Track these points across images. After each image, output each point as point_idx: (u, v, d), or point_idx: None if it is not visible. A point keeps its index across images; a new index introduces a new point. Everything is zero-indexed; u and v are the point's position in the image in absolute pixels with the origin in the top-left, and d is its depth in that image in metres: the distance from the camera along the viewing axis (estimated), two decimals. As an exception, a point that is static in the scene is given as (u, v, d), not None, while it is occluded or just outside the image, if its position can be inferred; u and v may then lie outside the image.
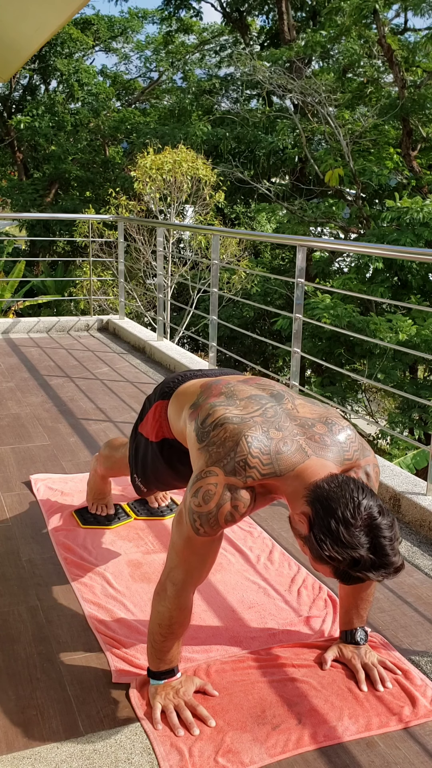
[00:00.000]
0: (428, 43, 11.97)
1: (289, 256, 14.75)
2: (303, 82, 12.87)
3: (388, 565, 1.35)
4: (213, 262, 4.53)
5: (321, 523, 1.36)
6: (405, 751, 1.59)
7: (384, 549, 1.35)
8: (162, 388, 2.01)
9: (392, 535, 1.36)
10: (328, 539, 1.35)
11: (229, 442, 1.52)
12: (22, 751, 1.56)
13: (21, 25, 3.01)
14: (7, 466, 3.18)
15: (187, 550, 1.58)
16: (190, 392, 1.84)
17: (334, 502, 1.37)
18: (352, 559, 1.34)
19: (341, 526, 1.34)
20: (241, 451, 1.50)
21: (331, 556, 1.35)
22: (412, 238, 9.93)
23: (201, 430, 1.61)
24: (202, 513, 1.51)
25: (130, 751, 1.57)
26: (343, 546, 1.33)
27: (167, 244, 9.87)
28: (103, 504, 2.66)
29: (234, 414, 1.58)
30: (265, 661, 1.86)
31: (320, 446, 1.55)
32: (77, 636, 1.97)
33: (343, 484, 1.40)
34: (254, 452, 1.49)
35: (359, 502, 1.36)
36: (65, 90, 19.23)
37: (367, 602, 1.85)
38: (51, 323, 6.32)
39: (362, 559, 1.34)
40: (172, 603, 1.63)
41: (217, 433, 1.55)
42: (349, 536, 1.33)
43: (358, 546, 1.33)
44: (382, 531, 1.35)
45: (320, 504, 1.38)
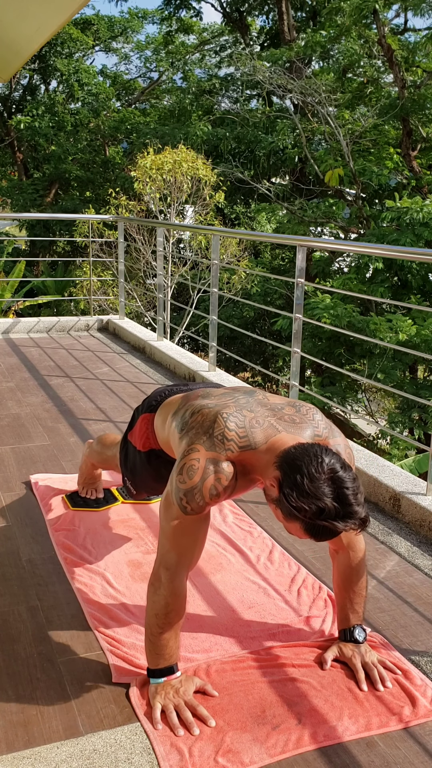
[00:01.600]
0: (428, 43, 11.97)
1: (289, 256, 14.75)
2: (303, 82, 12.87)
3: (353, 513, 1.44)
4: (213, 262, 4.53)
5: (288, 480, 1.47)
6: (405, 751, 1.59)
7: (347, 498, 1.44)
8: (149, 401, 2.13)
9: (355, 486, 1.46)
10: (295, 492, 1.45)
11: (206, 421, 1.65)
12: (22, 751, 1.56)
13: (21, 25, 3.01)
14: (7, 466, 3.18)
15: (178, 531, 1.64)
16: (173, 403, 1.98)
17: (299, 460, 1.48)
18: (318, 509, 1.43)
19: (306, 479, 1.44)
20: (219, 426, 1.62)
21: (297, 506, 1.44)
22: (412, 238, 9.93)
23: (181, 421, 1.75)
24: (188, 489, 1.59)
25: (130, 751, 1.57)
26: (308, 496, 1.43)
27: (167, 244, 9.87)
28: (93, 488, 2.79)
29: (208, 401, 1.75)
30: (265, 661, 1.87)
31: (290, 424, 1.67)
32: (77, 636, 1.97)
33: (308, 446, 1.51)
34: (231, 426, 1.62)
35: (322, 458, 1.47)
36: (65, 90, 19.23)
37: (360, 596, 1.87)
38: (51, 323, 6.32)
39: (327, 508, 1.43)
40: (167, 589, 1.66)
41: (195, 419, 1.69)
42: (313, 487, 1.43)
43: (323, 495, 1.43)
44: (344, 482, 1.45)
45: (287, 464, 1.50)
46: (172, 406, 1.95)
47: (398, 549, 2.52)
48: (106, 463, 2.53)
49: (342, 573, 1.87)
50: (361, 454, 3.15)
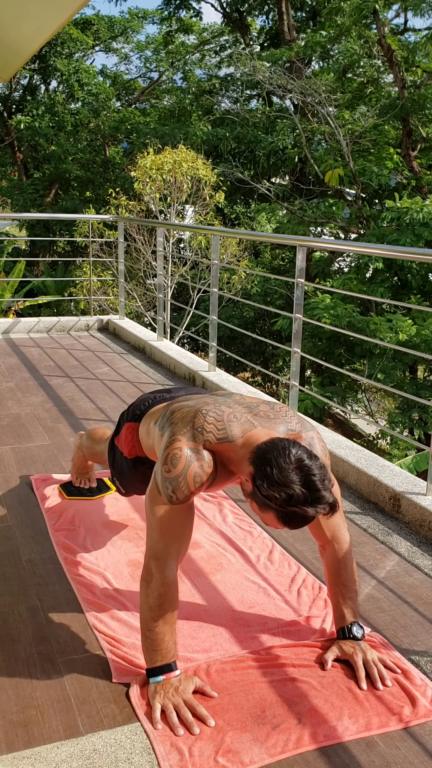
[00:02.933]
0: (428, 43, 11.97)
1: (289, 256, 14.75)
2: (303, 82, 12.87)
3: (320, 498, 1.53)
4: (213, 262, 4.53)
5: (259, 472, 1.56)
6: (405, 750, 1.59)
7: (314, 484, 1.53)
8: (134, 410, 2.21)
9: (321, 473, 1.55)
10: (265, 482, 1.54)
11: (187, 417, 1.76)
12: (22, 751, 1.56)
13: (21, 25, 3.01)
14: (7, 466, 3.18)
15: (165, 521, 1.69)
16: (155, 413, 2.07)
17: (268, 453, 1.57)
18: (287, 496, 1.51)
19: (275, 469, 1.54)
20: (198, 420, 1.73)
21: (268, 495, 1.53)
22: (412, 238, 9.93)
23: (162, 420, 1.85)
24: (173, 477, 1.67)
25: (130, 750, 1.57)
26: (277, 485, 1.52)
27: (167, 244, 9.87)
28: (86, 478, 2.87)
29: (189, 402, 1.84)
30: (265, 660, 1.87)
31: (265, 419, 1.77)
32: (77, 636, 1.97)
33: (277, 441, 1.60)
34: (209, 419, 1.73)
35: (290, 450, 1.56)
36: (65, 90, 19.23)
37: (351, 590, 1.89)
38: (51, 323, 6.32)
39: (295, 495, 1.51)
40: (158, 579, 1.69)
41: (176, 415, 1.78)
42: (282, 476, 1.53)
43: (291, 483, 1.52)
44: (311, 470, 1.54)
45: (258, 458, 1.59)
46: (154, 416, 2.05)
47: (398, 549, 2.52)
48: (96, 457, 2.61)
49: (331, 567, 1.92)
50: (361, 454, 3.15)
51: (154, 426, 1.95)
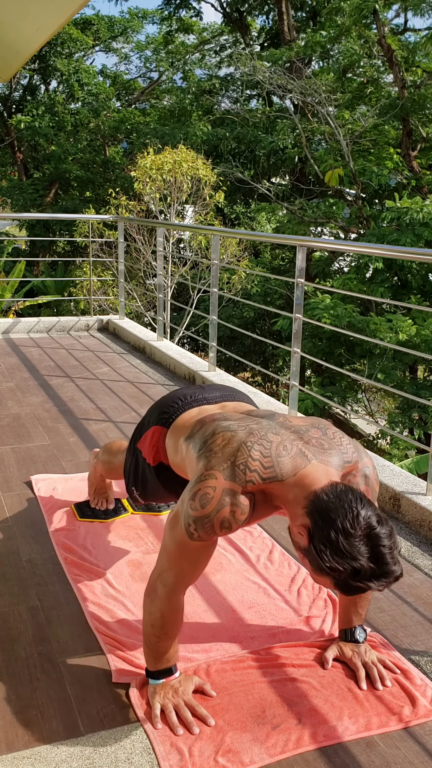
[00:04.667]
0: (428, 43, 11.97)
1: (289, 256, 14.75)
2: (303, 82, 12.87)
3: (389, 573, 1.36)
4: (213, 262, 4.53)
5: (321, 534, 1.36)
6: (405, 750, 1.59)
7: (384, 558, 1.35)
8: (160, 411, 1.99)
9: (391, 543, 1.36)
10: (328, 549, 1.34)
11: (228, 447, 1.52)
12: (22, 751, 1.57)
13: (21, 25, 3.01)
14: (7, 466, 3.18)
15: (179, 554, 1.57)
16: (186, 425, 1.85)
17: (333, 512, 1.37)
18: (353, 570, 1.34)
19: (341, 536, 1.34)
20: (242, 455, 1.48)
21: (331, 566, 1.34)
22: (412, 238, 9.93)
23: (200, 441, 1.62)
24: (198, 517, 1.49)
25: (130, 750, 1.57)
26: (343, 556, 1.33)
27: (167, 244, 9.87)
28: (103, 498, 2.70)
29: (230, 423, 1.61)
30: (265, 660, 1.87)
31: (319, 450, 1.55)
32: (77, 636, 1.97)
33: (341, 494, 1.40)
34: (255, 455, 1.48)
35: (358, 512, 1.36)
36: (65, 90, 19.22)
37: (365, 601, 1.86)
38: (51, 323, 6.32)
39: (362, 569, 1.34)
40: (163, 604, 1.62)
41: (215, 440, 1.56)
42: (349, 546, 1.33)
43: (359, 556, 1.33)
44: (381, 540, 1.35)
45: (319, 515, 1.38)
46: (184, 430, 1.83)
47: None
48: (115, 472, 2.43)
49: None
50: (361, 454, 3.15)
51: (186, 443, 1.74)
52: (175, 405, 1.95)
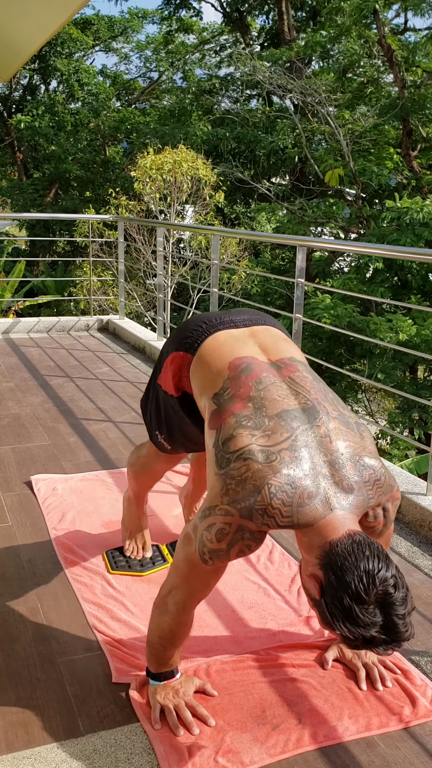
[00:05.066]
0: (428, 43, 11.97)
1: (289, 256, 14.75)
2: (303, 82, 12.87)
3: (398, 640, 1.32)
4: (213, 262, 4.53)
5: (333, 595, 1.31)
6: (405, 751, 1.59)
7: (397, 627, 1.30)
8: (182, 336, 1.80)
9: (406, 611, 1.31)
10: (341, 615, 1.30)
11: (249, 484, 1.42)
12: (22, 751, 1.56)
13: (21, 25, 3.01)
14: (7, 466, 3.18)
15: (191, 575, 1.55)
16: (215, 367, 1.66)
17: (348, 573, 1.31)
18: (363, 638, 1.30)
19: (354, 604, 1.29)
20: (262, 501, 1.40)
21: (343, 634, 1.31)
22: (412, 238, 9.93)
23: (222, 452, 1.49)
24: (214, 550, 1.47)
25: (130, 751, 1.57)
26: (356, 625, 1.29)
27: (167, 244, 9.87)
28: (140, 540, 2.39)
29: (259, 448, 1.45)
30: (265, 661, 1.87)
31: (346, 494, 1.44)
32: (77, 636, 1.97)
33: (357, 551, 1.33)
34: (275, 504, 1.40)
35: (374, 576, 1.30)
36: (65, 90, 19.22)
37: None
38: (51, 323, 6.32)
39: (374, 639, 1.30)
40: (174, 619, 1.61)
41: (239, 467, 1.44)
42: (362, 615, 1.29)
43: (371, 625, 1.29)
44: (395, 609, 1.30)
45: (333, 573, 1.33)
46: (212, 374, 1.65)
47: (398, 549, 2.52)
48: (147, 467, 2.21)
49: None
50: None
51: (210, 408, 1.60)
52: (199, 329, 1.77)
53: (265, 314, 1.86)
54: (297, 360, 1.69)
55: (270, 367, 1.63)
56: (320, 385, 1.64)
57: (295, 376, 1.61)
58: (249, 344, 1.70)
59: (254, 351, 1.68)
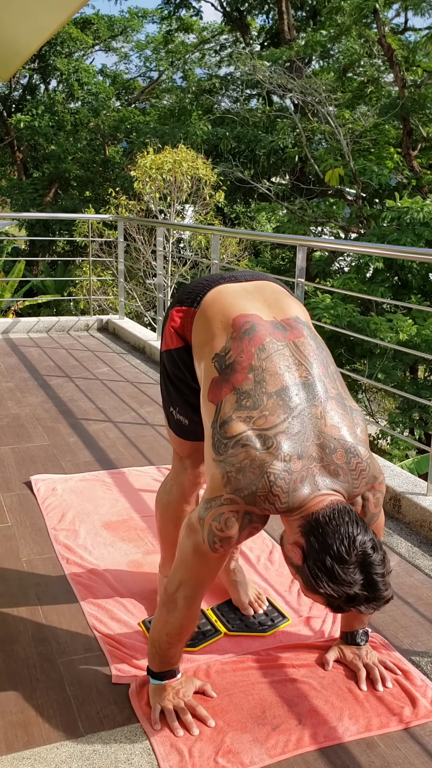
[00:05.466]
0: (428, 42, 11.97)
1: (289, 256, 14.74)
2: (303, 82, 12.86)
3: (379, 599, 1.40)
4: (213, 262, 4.53)
5: (316, 558, 1.38)
6: (405, 751, 1.59)
7: (377, 585, 1.38)
8: (182, 294, 1.79)
9: (385, 570, 1.40)
10: (324, 576, 1.37)
11: (249, 472, 1.46)
12: (22, 752, 1.56)
13: (21, 25, 3.01)
14: (6, 466, 3.18)
15: (201, 565, 1.57)
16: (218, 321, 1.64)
17: (329, 537, 1.38)
18: (347, 596, 1.37)
19: (336, 564, 1.36)
20: (263, 488, 1.45)
21: (326, 593, 1.38)
22: (412, 238, 9.93)
23: (219, 436, 1.52)
24: (225, 537, 1.50)
25: (129, 751, 1.57)
26: (338, 583, 1.36)
27: (167, 244, 9.86)
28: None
29: (256, 434, 1.47)
30: (265, 661, 1.86)
31: (333, 480, 1.49)
32: (77, 636, 1.97)
33: (338, 517, 1.40)
34: (275, 491, 1.45)
35: (354, 538, 1.37)
36: (65, 89, 19.22)
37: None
38: (51, 323, 6.32)
39: (356, 596, 1.37)
40: (183, 614, 1.61)
41: (237, 454, 1.47)
42: (343, 574, 1.36)
43: (353, 583, 1.36)
44: (375, 568, 1.38)
45: (315, 538, 1.40)
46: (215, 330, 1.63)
47: (399, 549, 2.52)
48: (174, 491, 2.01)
49: None
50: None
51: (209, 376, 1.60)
52: (201, 285, 1.76)
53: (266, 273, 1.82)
54: (302, 321, 1.68)
55: (274, 328, 1.61)
56: (323, 354, 1.64)
57: (299, 342, 1.61)
58: (252, 299, 1.68)
59: (258, 307, 1.66)
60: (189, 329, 1.75)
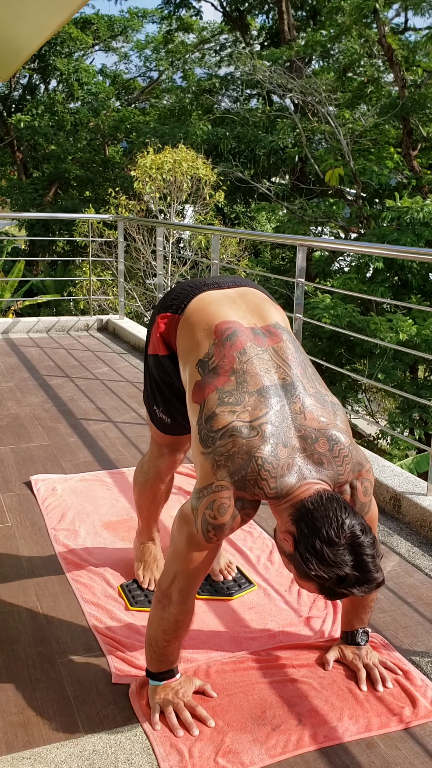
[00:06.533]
0: (428, 42, 11.97)
1: (289, 256, 14.74)
2: (303, 82, 12.86)
3: (371, 581, 1.42)
4: (213, 262, 4.53)
5: (306, 542, 1.42)
6: (405, 751, 1.59)
7: (367, 566, 1.40)
8: (166, 300, 1.84)
9: (374, 552, 1.42)
10: (314, 558, 1.40)
11: (238, 458, 1.50)
12: (22, 752, 1.56)
13: (21, 25, 3.01)
14: (6, 466, 3.18)
15: (195, 556, 1.58)
16: (201, 329, 1.69)
17: (318, 521, 1.42)
18: (338, 577, 1.40)
19: (326, 546, 1.39)
20: (252, 471, 1.49)
21: (317, 574, 1.40)
22: (412, 238, 9.93)
23: (206, 431, 1.56)
24: (218, 525, 1.53)
25: (129, 751, 1.57)
26: (328, 565, 1.39)
27: (167, 243, 9.86)
28: (156, 574, 2.25)
29: (241, 424, 1.52)
30: (265, 661, 1.86)
31: (317, 468, 1.54)
32: (77, 636, 1.97)
33: (327, 503, 1.44)
34: (263, 475, 1.49)
35: (342, 521, 1.41)
36: (65, 89, 19.22)
37: (367, 607, 1.85)
38: (50, 323, 6.32)
39: (347, 577, 1.40)
40: (178, 608, 1.61)
41: (225, 444, 1.52)
42: (333, 555, 1.39)
43: (343, 564, 1.39)
44: (364, 549, 1.41)
45: (305, 524, 1.43)
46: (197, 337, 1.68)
47: (399, 549, 2.52)
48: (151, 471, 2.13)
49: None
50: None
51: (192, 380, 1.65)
52: (185, 291, 1.81)
53: (249, 279, 1.90)
54: (282, 327, 1.73)
55: (255, 334, 1.67)
56: (301, 357, 1.69)
57: (278, 347, 1.67)
58: (234, 306, 1.74)
59: (240, 314, 1.72)
60: (173, 335, 1.81)
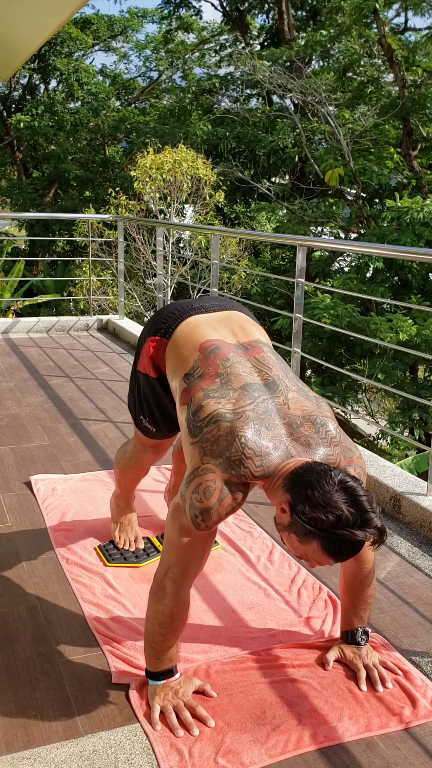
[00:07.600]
0: (428, 42, 11.97)
1: (289, 256, 14.74)
2: (303, 82, 12.86)
3: (370, 520, 1.40)
4: (213, 262, 4.53)
5: (299, 496, 1.44)
6: (405, 751, 1.59)
7: (363, 505, 1.40)
8: (156, 323, 1.94)
9: (368, 495, 1.43)
10: (307, 505, 1.41)
11: (222, 440, 1.56)
12: (21, 752, 1.56)
13: (21, 25, 3.00)
14: (6, 466, 3.18)
15: (187, 545, 1.60)
16: (187, 349, 1.79)
17: (307, 476, 1.45)
18: (336, 517, 1.39)
19: (317, 492, 1.41)
20: (236, 451, 1.54)
21: (312, 518, 1.40)
22: (412, 238, 9.93)
23: (193, 423, 1.62)
24: (204, 508, 1.54)
25: (129, 751, 1.57)
26: (322, 507, 1.40)
27: (167, 243, 9.86)
28: (131, 536, 2.44)
29: (226, 410, 1.59)
30: (265, 661, 1.86)
31: (305, 449, 1.59)
32: (77, 636, 1.97)
33: (315, 466, 1.48)
34: (248, 453, 1.54)
35: (330, 473, 1.44)
36: (65, 89, 19.22)
37: (366, 604, 1.85)
38: (50, 323, 6.32)
39: (343, 516, 1.39)
40: (172, 600, 1.63)
41: (210, 430, 1.58)
42: (326, 498, 1.40)
43: (337, 503, 1.39)
44: (356, 490, 1.42)
45: (296, 483, 1.46)
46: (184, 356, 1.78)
47: (399, 549, 2.52)
48: (133, 461, 2.28)
49: (348, 581, 1.84)
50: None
51: (180, 388, 1.73)
52: (173, 315, 1.91)
53: (233, 301, 2.00)
54: (263, 342, 1.83)
55: (237, 348, 1.77)
56: (282, 364, 1.77)
57: (259, 357, 1.76)
58: (219, 328, 1.84)
59: (223, 334, 1.82)
60: (162, 358, 1.93)
